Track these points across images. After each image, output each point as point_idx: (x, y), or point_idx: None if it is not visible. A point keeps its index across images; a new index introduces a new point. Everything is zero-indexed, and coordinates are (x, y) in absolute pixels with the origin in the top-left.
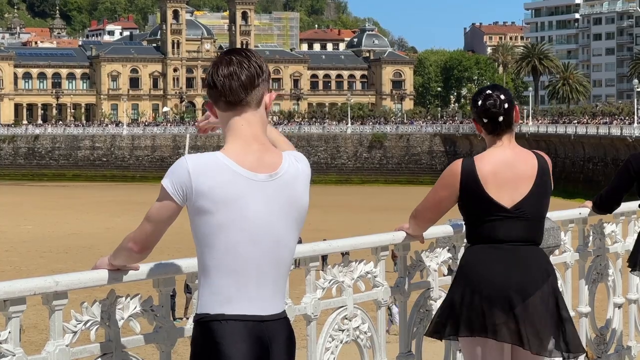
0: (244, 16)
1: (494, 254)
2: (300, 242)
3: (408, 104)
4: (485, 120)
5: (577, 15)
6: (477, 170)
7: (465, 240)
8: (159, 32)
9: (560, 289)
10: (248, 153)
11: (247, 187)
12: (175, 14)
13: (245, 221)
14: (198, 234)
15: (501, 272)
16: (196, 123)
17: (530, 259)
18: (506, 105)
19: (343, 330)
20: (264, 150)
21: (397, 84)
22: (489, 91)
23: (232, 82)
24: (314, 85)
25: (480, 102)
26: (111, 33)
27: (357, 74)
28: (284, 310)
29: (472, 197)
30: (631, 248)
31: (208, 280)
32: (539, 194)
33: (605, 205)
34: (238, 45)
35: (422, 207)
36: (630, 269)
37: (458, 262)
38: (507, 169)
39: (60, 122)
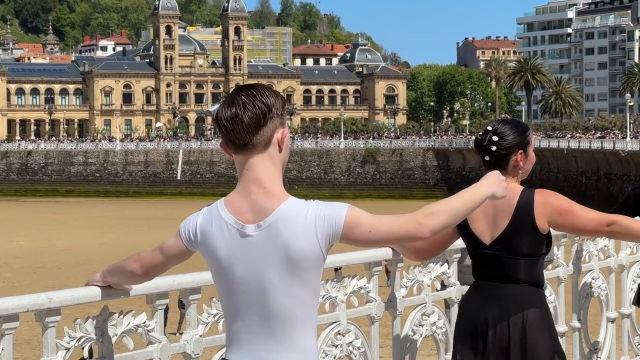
0: (237, 31)
1: (476, 292)
2: None
3: (401, 119)
4: (478, 153)
5: (569, 30)
6: None
7: (456, 255)
8: (152, 47)
9: (553, 304)
10: (243, 200)
11: (237, 240)
12: (168, 30)
13: (235, 273)
14: None
15: (475, 310)
16: None
17: (504, 297)
18: (494, 148)
19: (336, 346)
20: (263, 194)
21: (390, 98)
22: (489, 127)
23: (235, 126)
24: (307, 100)
25: (478, 134)
26: (104, 48)
27: (350, 88)
28: None
29: (463, 233)
30: (624, 262)
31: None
32: (517, 230)
33: None
34: (231, 61)
35: (422, 245)
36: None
37: (450, 277)
38: (489, 205)
39: (53, 137)
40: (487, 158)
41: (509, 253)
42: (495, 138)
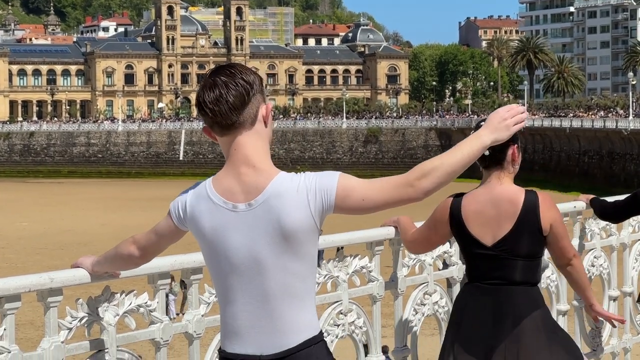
0: (239, 12)
1: (477, 295)
2: None
3: (403, 99)
4: None
5: (571, 9)
6: (462, 209)
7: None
8: (154, 28)
9: (555, 282)
10: (233, 180)
11: (227, 218)
12: (170, 10)
13: (227, 253)
14: None
15: (477, 318)
16: None
17: (508, 302)
18: None
19: (338, 325)
20: (253, 173)
21: (392, 78)
22: (482, 122)
23: (220, 107)
24: (309, 81)
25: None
26: (106, 29)
27: (352, 68)
28: (291, 349)
29: (459, 235)
30: (626, 241)
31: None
32: (522, 232)
33: (609, 216)
34: (233, 41)
35: (412, 242)
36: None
37: (452, 256)
38: (490, 207)
39: (56, 118)
40: (486, 153)
41: (511, 254)
42: None
